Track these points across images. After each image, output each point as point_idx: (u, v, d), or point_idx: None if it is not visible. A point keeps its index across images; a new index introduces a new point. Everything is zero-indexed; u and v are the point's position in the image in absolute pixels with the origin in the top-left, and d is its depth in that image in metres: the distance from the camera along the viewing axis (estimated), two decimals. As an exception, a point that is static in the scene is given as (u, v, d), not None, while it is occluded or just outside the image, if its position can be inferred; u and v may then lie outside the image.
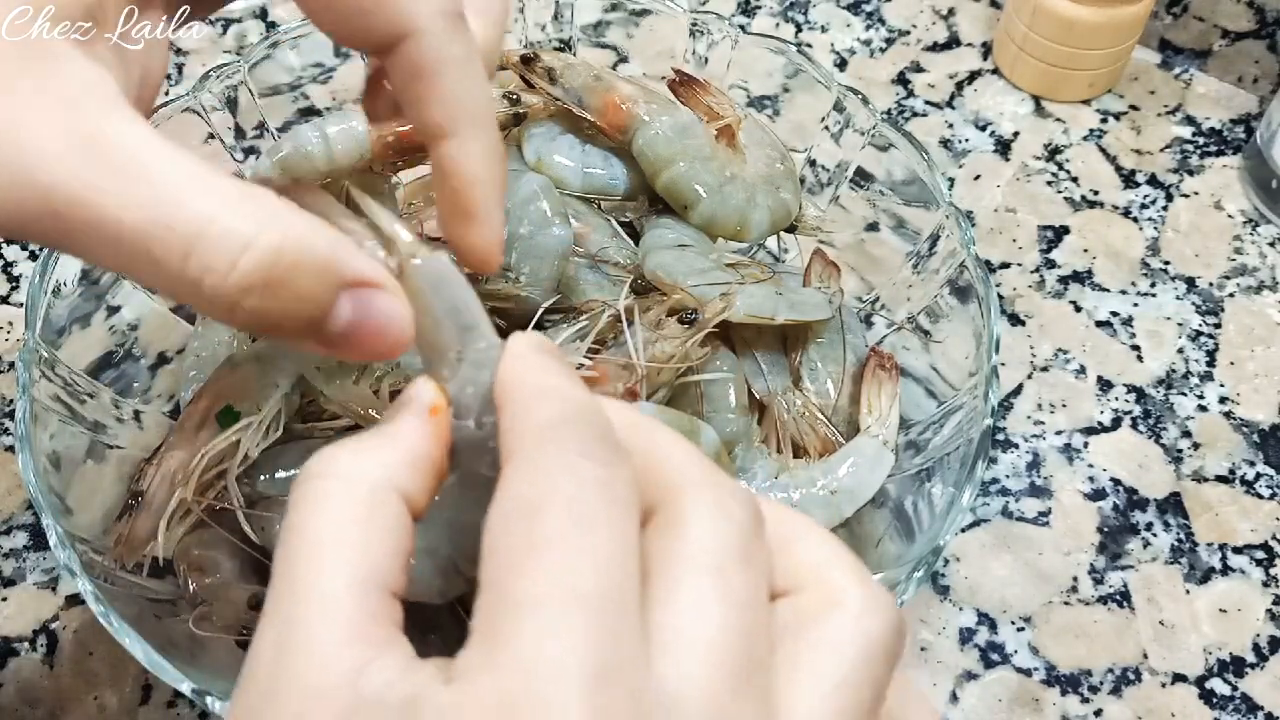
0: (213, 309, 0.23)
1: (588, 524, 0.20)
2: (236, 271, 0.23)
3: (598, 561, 0.19)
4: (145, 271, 0.23)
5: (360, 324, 0.25)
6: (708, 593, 0.20)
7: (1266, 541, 0.47)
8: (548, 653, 0.18)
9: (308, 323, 0.24)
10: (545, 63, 0.45)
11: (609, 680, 0.18)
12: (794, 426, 0.43)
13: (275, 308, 0.24)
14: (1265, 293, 0.55)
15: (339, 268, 0.24)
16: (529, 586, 0.19)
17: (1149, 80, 0.63)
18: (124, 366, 0.45)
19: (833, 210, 0.49)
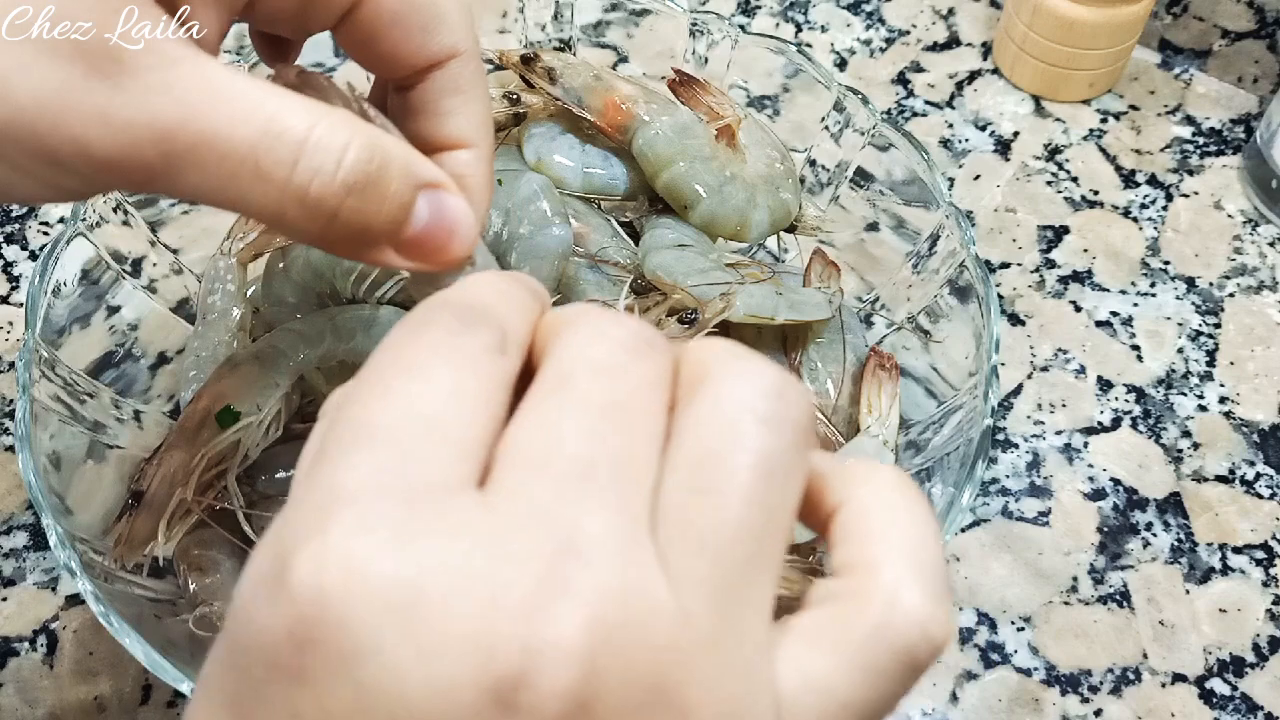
0: (314, 216, 0.25)
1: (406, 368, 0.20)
2: (342, 170, 0.25)
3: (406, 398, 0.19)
4: (249, 186, 0.25)
5: (436, 224, 0.27)
6: (547, 402, 0.19)
7: (1266, 541, 0.47)
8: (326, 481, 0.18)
9: (393, 224, 0.26)
10: (545, 63, 0.45)
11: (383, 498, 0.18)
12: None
13: (370, 209, 0.25)
14: (1265, 292, 0.55)
15: (416, 169, 0.26)
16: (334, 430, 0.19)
17: (1149, 80, 0.63)
18: (124, 366, 0.45)
19: (833, 210, 0.49)
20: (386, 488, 0.18)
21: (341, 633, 0.17)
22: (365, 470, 0.18)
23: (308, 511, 0.18)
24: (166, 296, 0.46)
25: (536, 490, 0.18)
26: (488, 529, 0.18)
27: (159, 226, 0.46)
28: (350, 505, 0.18)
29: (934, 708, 0.43)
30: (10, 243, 0.55)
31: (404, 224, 0.26)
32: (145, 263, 0.45)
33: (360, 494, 0.18)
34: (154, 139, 0.24)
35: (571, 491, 0.18)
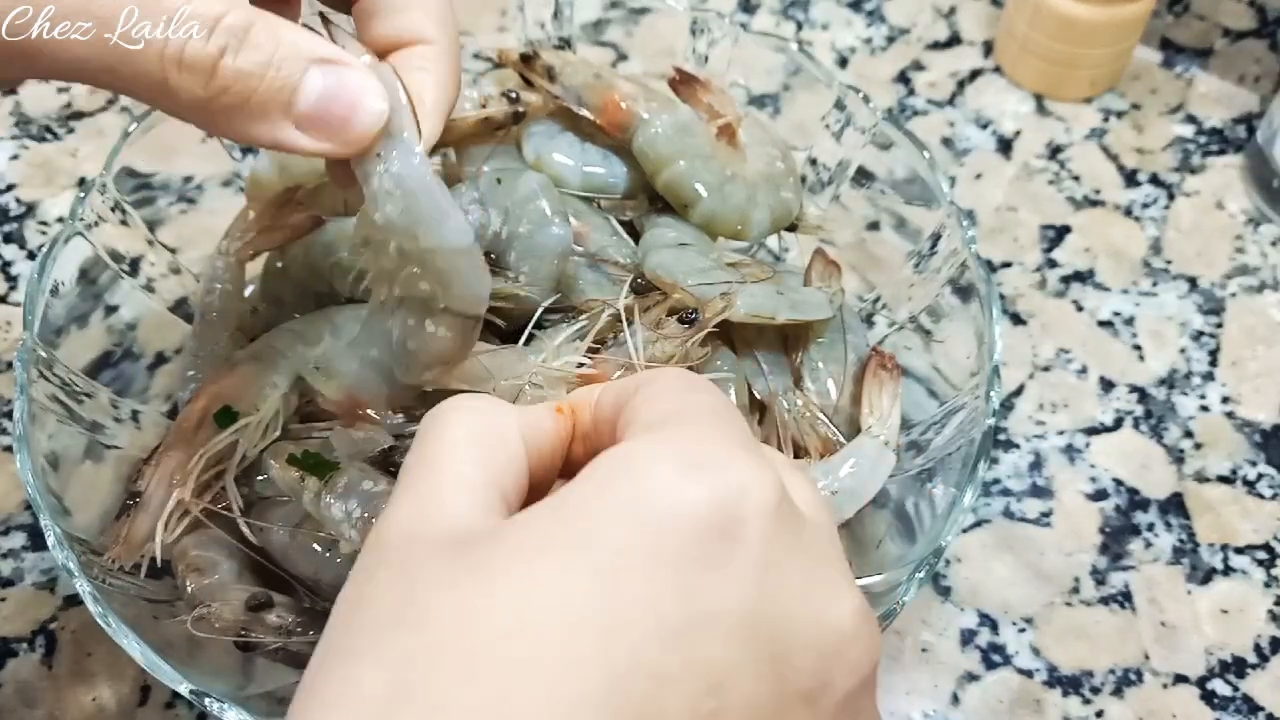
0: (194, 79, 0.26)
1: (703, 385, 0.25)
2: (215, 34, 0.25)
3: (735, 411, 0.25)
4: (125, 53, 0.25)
5: (333, 98, 0.27)
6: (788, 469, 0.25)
7: (1268, 542, 0.47)
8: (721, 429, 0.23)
9: (279, 91, 0.26)
10: (545, 61, 0.45)
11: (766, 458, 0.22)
12: (795, 427, 0.43)
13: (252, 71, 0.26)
14: (1266, 292, 0.55)
15: (307, 45, 0.27)
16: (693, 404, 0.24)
17: (1150, 79, 0.62)
18: (122, 366, 0.44)
19: (834, 209, 0.49)
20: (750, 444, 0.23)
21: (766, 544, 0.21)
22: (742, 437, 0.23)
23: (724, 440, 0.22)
24: (164, 296, 0.46)
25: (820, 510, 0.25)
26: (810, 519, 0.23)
27: (157, 226, 0.46)
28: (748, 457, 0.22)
29: (935, 709, 0.43)
30: (9, 242, 0.55)
31: (293, 93, 0.27)
32: (143, 262, 0.45)
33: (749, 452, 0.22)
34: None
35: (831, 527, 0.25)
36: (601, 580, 0.20)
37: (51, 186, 0.56)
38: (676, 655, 0.19)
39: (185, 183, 0.48)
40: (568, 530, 0.20)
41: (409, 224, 0.29)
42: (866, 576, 0.40)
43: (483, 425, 0.25)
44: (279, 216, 0.46)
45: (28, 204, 0.56)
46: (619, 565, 0.20)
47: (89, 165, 0.57)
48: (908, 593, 0.36)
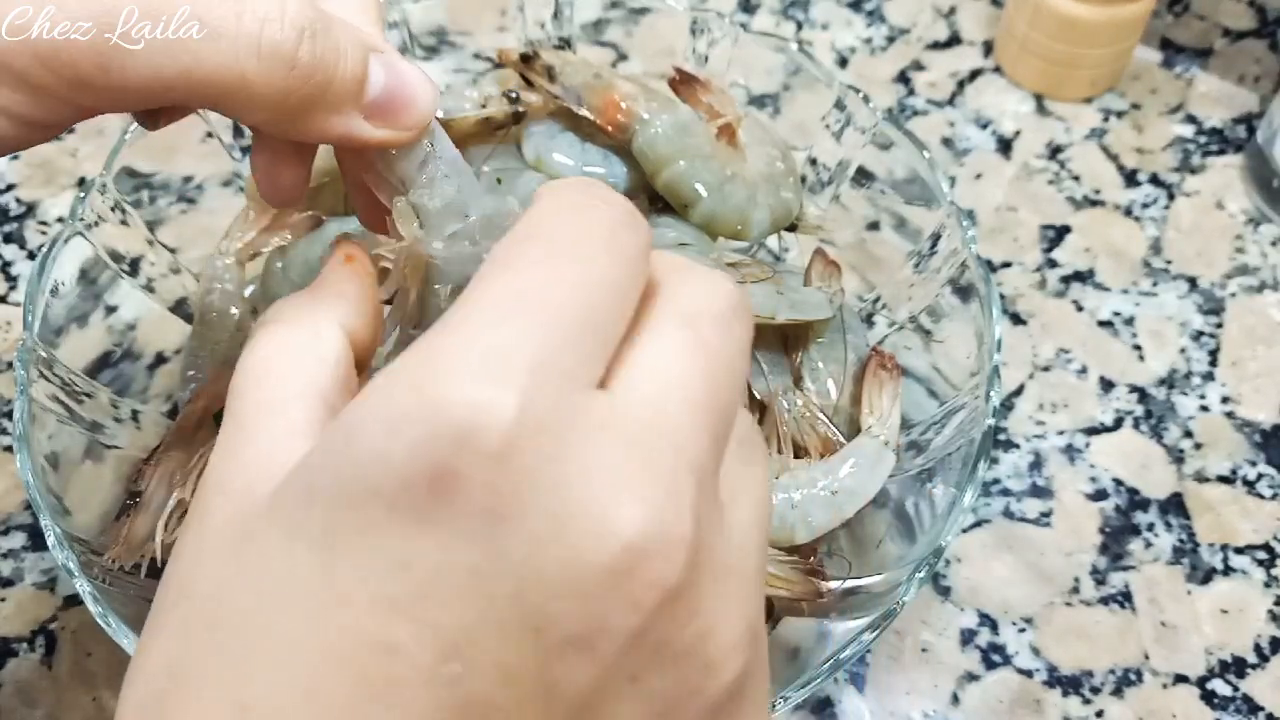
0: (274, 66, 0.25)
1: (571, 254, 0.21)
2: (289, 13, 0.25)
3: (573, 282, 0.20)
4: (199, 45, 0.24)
5: (396, 89, 0.27)
6: (678, 338, 0.21)
7: (1268, 542, 0.47)
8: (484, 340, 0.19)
9: (354, 81, 0.26)
10: (545, 61, 0.45)
11: (544, 375, 0.19)
12: (795, 427, 0.43)
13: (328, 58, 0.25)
14: (1267, 292, 0.55)
15: (364, 35, 0.27)
16: (490, 292, 0.20)
17: (1151, 79, 0.62)
18: (122, 366, 0.44)
19: (833, 209, 0.49)
20: (544, 365, 0.19)
21: (491, 491, 0.18)
22: (526, 343, 0.19)
23: (468, 362, 0.19)
24: (164, 296, 0.46)
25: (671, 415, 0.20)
26: (629, 432, 0.19)
27: (157, 226, 0.46)
28: (518, 372, 0.18)
29: (935, 709, 0.43)
30: (9, 242, 0.55)
31: (364, 82, 0.27)
32: (143, 262, 0.45)
33: (527, 365, 0.19)
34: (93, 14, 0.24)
35: (696, 426, 0.20)
36: (319, 553, 0.18)
37: (51, 186, 0.56)
38: (401, 625, 0.18)
39: (185, 183, 0.49)
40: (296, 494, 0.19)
41: (464, 199, 0.30)
42: (866, 576, 0.40)
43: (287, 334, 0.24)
44: (279, 216, 0.46)
45: (28, 204, 0.56)
46: (333, 535, 0.18)
47: (89, 165, 0.57)
48: (908, 593, 0.36)
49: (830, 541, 0.42)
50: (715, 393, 0.21)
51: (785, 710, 0.34)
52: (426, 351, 0.19)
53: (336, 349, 0.24)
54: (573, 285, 0.20)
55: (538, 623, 0.18)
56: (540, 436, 0.18)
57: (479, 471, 0.18)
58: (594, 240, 0.21)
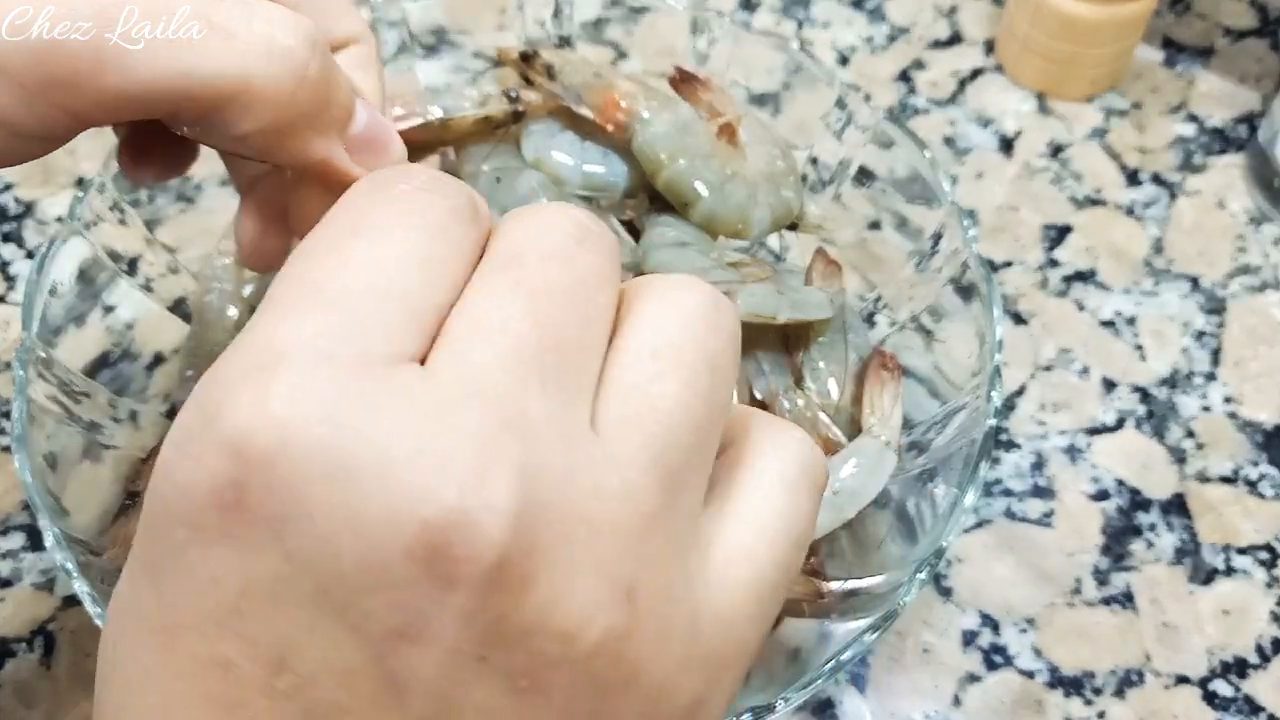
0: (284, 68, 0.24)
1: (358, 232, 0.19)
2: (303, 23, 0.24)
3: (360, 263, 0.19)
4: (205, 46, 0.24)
5: (378, 130, 0.27)
6: (494, 283, 0.19)
7: (1269, 542, 0.47)
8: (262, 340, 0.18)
9: (347, 109, 0.26)
10: (544, 59, 0.45)
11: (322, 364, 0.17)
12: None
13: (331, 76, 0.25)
14: (1269, 292, 0.55)
15: (347, 76, 0.26)
16: (276, 289, 0.19)
17: (1152, 78, 0.62)
18: (120, 366, 0.44)
19: (834, 208, 0.49)
20: (328, 352, 0.18)
21: (271, 495, 0.17)
22: (309, 332, 0.18)
23: (242, 368, 0.18)
24: (163, 296, 0.46)
25: (480, 367, 0.18)
26: (428, 400, 0.18)
27: (155, 225, 0.46)
28: (288, 366, 0.17)
29: (936, 710, 0.43)
30: (7, 241, 0.54)
31: (352, 112, 0.26)
32: (142, 262, 0.45)
33: (301, 356, 0.18)
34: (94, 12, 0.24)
35: (516, 372, 0.18)
36: (152, 582, 0.18)
37: (50, 186, 0.56)
38: (228, 643, 0.17)
39: (184, 182, 0.48)
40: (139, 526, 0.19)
41: None
42: (868, 577, 0.40)
43: None
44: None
45: (26, 203, 0.56)
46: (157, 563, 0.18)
47: (87, 165, 0.57)
48: (909, 593, 0.36)
49: (831, 542, 0.42)
50: (548, 329, 0.19)
51: (786, 711, 0.34)
52: (215, 364, 0.18)
53: None
54: (360, 264, 0.19)
55: (353, 620, 0.17)
56: (320, 428, 0.17)
57: (256, 477, 0.17)
58: (386, 214, 0.20)
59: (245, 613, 0.17)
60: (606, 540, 0.18)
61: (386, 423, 0.17)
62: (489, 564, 0.17)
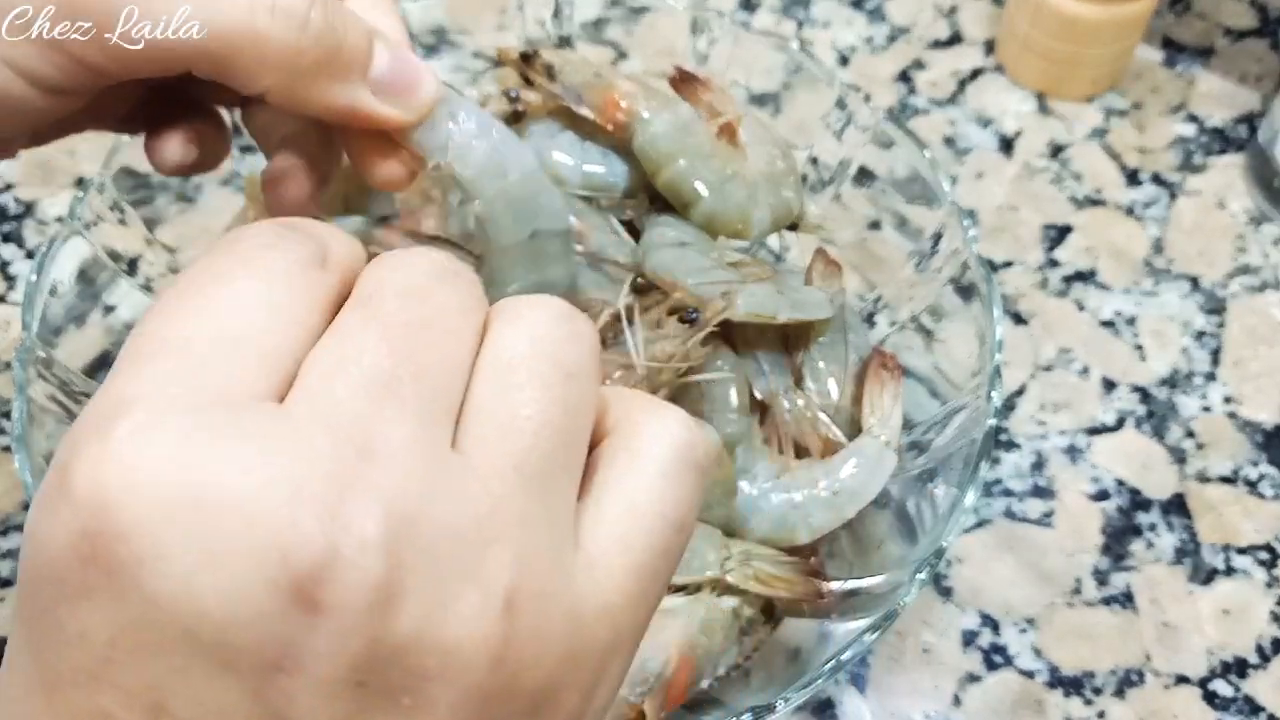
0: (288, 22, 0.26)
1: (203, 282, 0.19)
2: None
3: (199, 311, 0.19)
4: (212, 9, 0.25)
5: (401, 70, 0.28)
6: (350, 320, 0.20)
7: (1269, 542, 0.47)
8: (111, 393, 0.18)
9: (362, 53, 0.27)
10: (545, 59, 0.45)
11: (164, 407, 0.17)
12: (795, 427, 0.43)
13: (337, 23, 0.26)
14: (1268, 292, 0.55)
15: (366, 22, 0.28)
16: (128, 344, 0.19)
17: (1152, 78, 0.62)
18: (121, 366, 0.44)
19: (834, 208, 0.49)
20: (175, 396, 0.18)
21: (123, 542, 0.17)
22: (155, 380, 0.18)
23: (92, 422, 0.18)
24: (164, 295, 0.46)
25: (334, 399, 0.18)
26: (280, 434, 0.17)
27: (155, 225, 0.46)
28: (133, 411, 0.17)
29: (936, 710, 0.43)
30: (7, 241, 0.54)
31: (369, 55, 0.27)
32: (142, 262, 0.45)
33: (145, 402, 0.17)
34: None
35: (371, 401, 0.18)
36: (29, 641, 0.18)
37: (50, 186, 0.56)
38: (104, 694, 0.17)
39: (184, 182, 0.48)
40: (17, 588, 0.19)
41: (500, 162, 0.32)
42: (868, 577, 0.40)
43: None
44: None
45: (26, 203, 0.56)
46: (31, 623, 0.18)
47: (87, 165, 0.57)
48: (909, 593, 0.36)
49: (831, 542, 0.42)
50: (403, 357, 0.19)
51: (786, 711, 0.34)
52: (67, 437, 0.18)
53: None
54: (205, 313, 0.19)
55: (225, 656, 0.17)
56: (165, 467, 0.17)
57: (108, 525, 0.17)
58: (230, 266, 0.20)
59: (116, 662, 0.17)
60: (475, 551, 0.18)
61: (237, 457, 0.17)
62: (354, 587, 0.17)
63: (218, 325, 0.19)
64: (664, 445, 0.21)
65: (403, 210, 0.45)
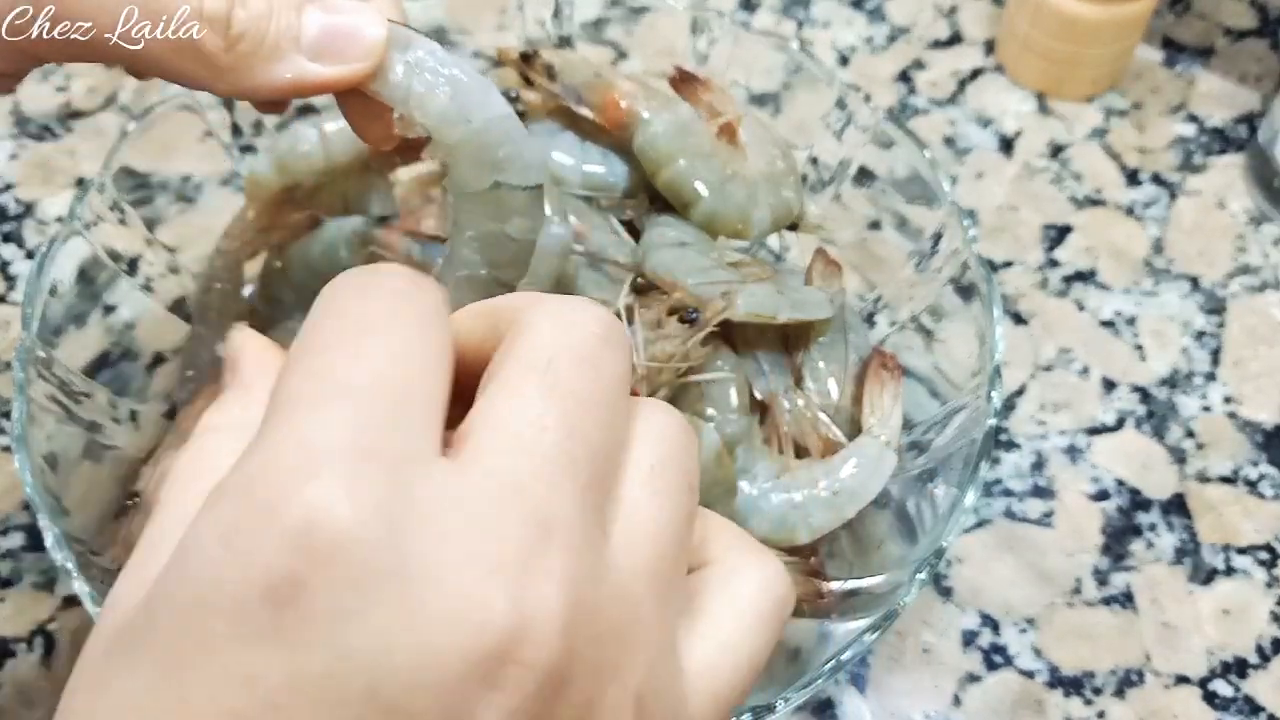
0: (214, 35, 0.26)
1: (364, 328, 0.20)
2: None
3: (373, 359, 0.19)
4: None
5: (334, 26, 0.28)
6: (529, 386, 0.20)
7: (1269, 542, 0.47)
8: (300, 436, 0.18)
9: (290, 29, 0.27)
10: (544, 59, 0.45)
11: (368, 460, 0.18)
12: (795, 427, 0.43)
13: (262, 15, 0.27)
14: (1268, 292, 0.55)
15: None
16: (293, 384, 0.19)
17: (1152, 78, 0.62)
18: (120, 366, 0.44)
19: (834, 208, 0.49)
20: (369, 450, 0.18)
21: (325, 594, 0.17)
22: (343, 431, 0.18)
23: (289, 465, 0.18)
24: (163, 296, 0.46)
25: (518, 474, 0.19)
26: (472, 502, 0.18)
27: (155, 225, 0.46)
28: (334, 466, 0.18)
29: (936, 710, 0.43)
30: (7, 241, 0.54)
31: (299, 27, 0.28)
32: (142, 262, 0.45)
33: (345, 454, 0.18)
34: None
35: (550, 479, 0.19)
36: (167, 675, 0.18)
37: (50, 186, 0.56)
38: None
39: (184, 182, 0.48)
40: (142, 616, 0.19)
41: (461, 106, 0.30)
42: (868, 577, 0.40)
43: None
44: (278, 216, 0.45)
45: (26, 203, 0.56)
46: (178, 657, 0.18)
47: (87, 165, 0.57)
48: (909, 594, 0.36)
49: (831, 542, 0.42)
50: (579, 436, 0.19)
51: (786, 711, 0.34)
52: (248, 456, 0.18)
53: None
54: (374, 359, 0.19)
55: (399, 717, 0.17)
56: (376, 525, 0.17)
57: (316, 573, 0.17)
58: (376, 311, 0.20)
59: (284, 709, 0.17)
60: (625, 648, 0.19)
61: (437, 524, 0.18)
62: (532, 667, 0.18)
63: (390, 373, 0.19)
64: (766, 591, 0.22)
65: (403, 210, 0.45)
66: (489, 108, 0.30)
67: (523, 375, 0.20)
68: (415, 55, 0.29)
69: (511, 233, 0.32)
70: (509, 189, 0.31)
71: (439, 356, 0.20)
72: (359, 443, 0.18)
